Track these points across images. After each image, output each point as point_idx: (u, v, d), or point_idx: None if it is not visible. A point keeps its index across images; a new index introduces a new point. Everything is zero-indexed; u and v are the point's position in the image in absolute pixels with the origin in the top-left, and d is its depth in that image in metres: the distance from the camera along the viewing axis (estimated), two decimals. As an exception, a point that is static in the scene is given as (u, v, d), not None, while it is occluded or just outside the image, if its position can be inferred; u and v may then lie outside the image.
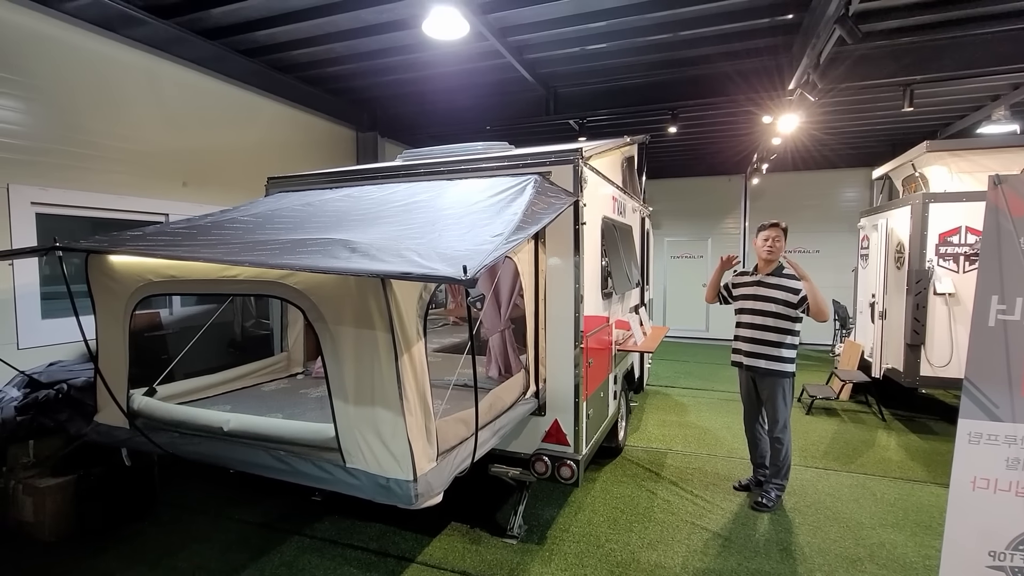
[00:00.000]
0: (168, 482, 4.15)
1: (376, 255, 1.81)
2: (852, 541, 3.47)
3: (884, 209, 6.31)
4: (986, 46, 5.01)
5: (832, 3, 3.94)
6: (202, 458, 2.61)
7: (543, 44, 5.51)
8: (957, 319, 5.12)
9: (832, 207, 10.77)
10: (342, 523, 3.71)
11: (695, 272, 11.85)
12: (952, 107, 7.31)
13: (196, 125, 5.40)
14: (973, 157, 5.46)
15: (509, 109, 7.06)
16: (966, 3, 4.55)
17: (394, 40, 5.32)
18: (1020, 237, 1.98)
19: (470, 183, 3.36)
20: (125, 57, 4.72)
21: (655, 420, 6.00)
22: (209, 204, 5.18)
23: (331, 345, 2.23)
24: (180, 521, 3.76)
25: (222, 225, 2.74)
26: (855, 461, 4.80)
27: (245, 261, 1.87)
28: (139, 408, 2.83)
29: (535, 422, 3.52)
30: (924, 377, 5.28)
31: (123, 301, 2.77)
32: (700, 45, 5.52)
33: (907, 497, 4.09)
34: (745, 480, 4.24)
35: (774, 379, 3.81)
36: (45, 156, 4.16)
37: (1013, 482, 2.14)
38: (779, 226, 3.85)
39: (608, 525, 3.67)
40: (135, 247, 2.29)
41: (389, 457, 2.15)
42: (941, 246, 5.20)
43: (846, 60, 5.44)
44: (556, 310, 3.43)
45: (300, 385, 3.79)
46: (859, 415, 6.16)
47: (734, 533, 3.56)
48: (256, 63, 5.80)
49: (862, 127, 8.46)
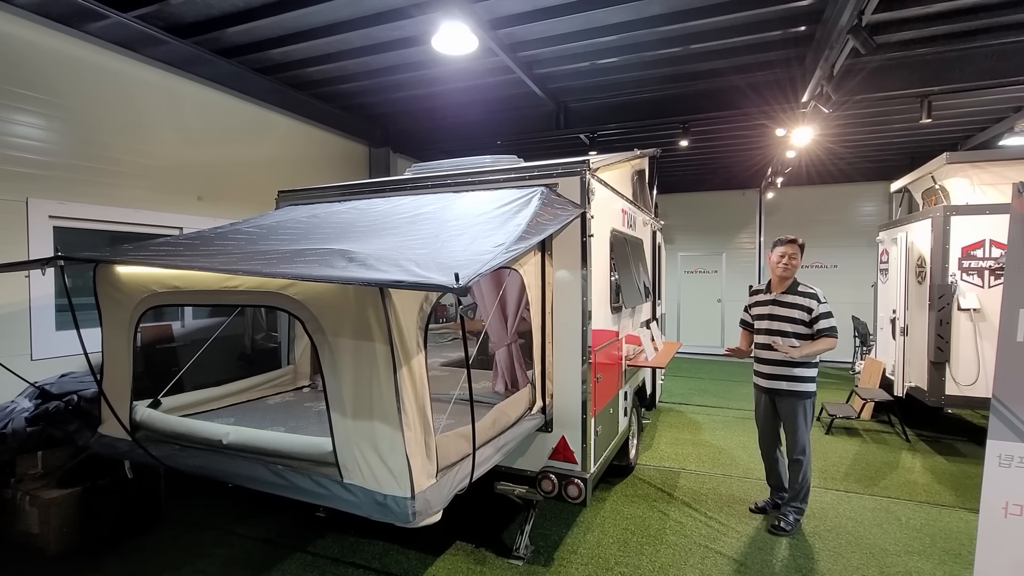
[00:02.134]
0: (174, 496, 4.13)
1: (373, 264, 1.78)
2: (876, 569, 3.30)
3: (904, 223, 6.15)
4: (1005, 57, 4.90)
5: (845, 14, 3.89)
6: (200, 471, 2.58)
7: (553, 59, 5.53)
8: (983, 335, 4.92)
9: (849, 221, 10.57)
10: (344, 540, 3.65)
11: (710, 287, 11.69)
12: (972, 119, 7.16)
13: (212, 141, 5.50)
14: (996, 169, 5.30)
15: (519, 124, 7.09)
16: (982, 14, 4.46)
17: (405, 57, 5.39)
18: (1047, 247, 1.88)
19: (476, 195, 3.34)
20: (145, 76, 4.85)
21: (668, 438, 5.85)
22: (223, 218, 5.24)
23: (329, 357, 2.19)
24: (184, 536, 3.72)
25: (226, 236, 2.75)
26: (878, 484, 4.60)
27: (239, 270, 1.85)
28: (141, 420, 2.82)
29: (542, 438, 3.44)
30: (950, 396, 5.07)
31: (128, 312, 2.78)
32: (711, 59, 5.49)
33: (934, 523, 3.89)
34: (762, 502, 4.08)
35: (794, 399, 3.68)
36: (65, 171, 4.27)
37: (1048, 508, 2.01)
38: (796, 242, 3.73)
39: (618, 547, 3.54)
40: (134, 257, 2.29)
41: (387, 473, 2.09)
42: (964, 260, 5.03)
43: (860, 72, 5.36)
44: (563, 324, 3.37)
45: (305, 398, 3.76)
46: (881, 435, 5.93)
47: (750, 558, 3.41)
48: (271, 80, 5.91)
49: (879, 140, 8.33)
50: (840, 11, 3.99)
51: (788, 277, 3.75)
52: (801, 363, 3.64)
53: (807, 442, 3.73)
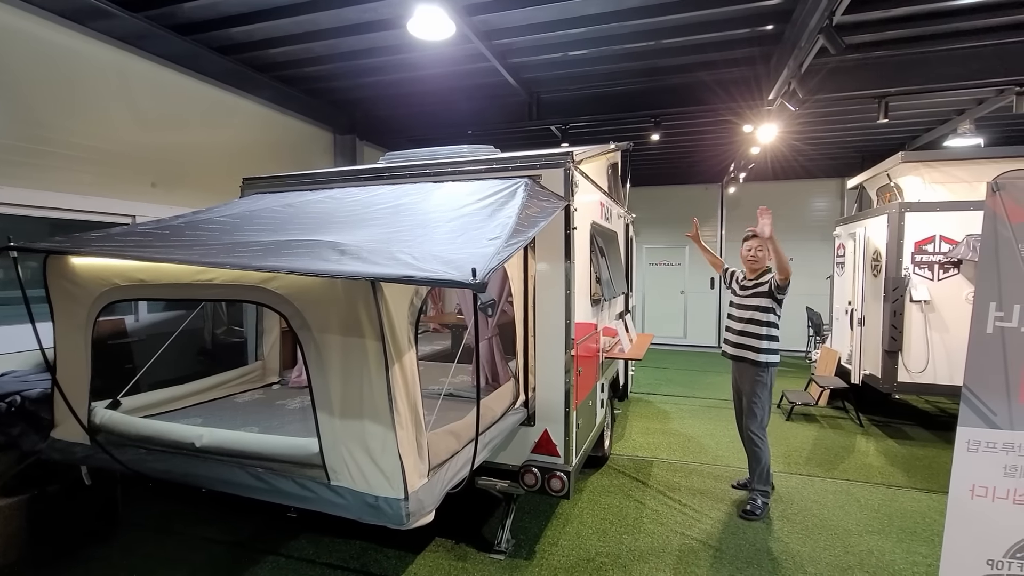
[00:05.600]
0: (132, 500, 3.89)
1: (368, 258, 1.69)
2: (841, 549, 3.46)
3: (861, 218, 6.45)
4: (956, 61, 5.17)
5: (815, 15, 4.01)
6: (171, 476, 2.43)
7: (527, 48, 5.47)
8: (933, 326, 5.24)
9: (804, 216, 11.02)
10: (320, 541, 3.53)
11: (674, 280, 11.95)
12: (920, 120, 7.56)
13: (167, 124, 5.16)
14: (945, 168, 5.62)
15: (492, 114, 7.00)
16: (937, 19, 4.68)
17: (377, 40, 5.20)
18: (1019, 244, 1.99)
19: (457, 186, 3.26)
20: (92, 51, 4.48)
21: (639, 428, 5.96)
22: (179, 206, 4.93)
23: (316, 354, 2.09)
24: (144, 542, 3.51)
25: (196, 226, 2.57)
26: (837, 467, 4.83)
27: (226, 264, 1.72)
28: (101, 422, 2.63)
29: (524, 432, 3.42)
30: (902, 383, 5.38)
31: (86, 307, 2.57)
32: (680, 54, 5.56)
33: (890, 503, 4.12)
34: (743, 480, 4.32)
35: (754, 369, 3.90)
36: (3, 153, 3.90)
37: (1011, 489, 2.14)
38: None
39: (597, 537, 3.58)
40: (101, 248, 2.11)
41: (378, 474, 2.01)
42: (917, 254, 5.32)
43: (820, 72, 5.54)
44: (546, 317, 3.35)
45: (277, 396, 3.61)
46: (837, 421, 6.24)
47: (724, 543, 3.52)
48: (231, 61, 5.59)
49: (834, 138, 8.68)
50: (811, 11, 4.10)
51: (758, 268, 4.00)
52: (765, 336, 3.88)
53: (764, 416, 3.92)
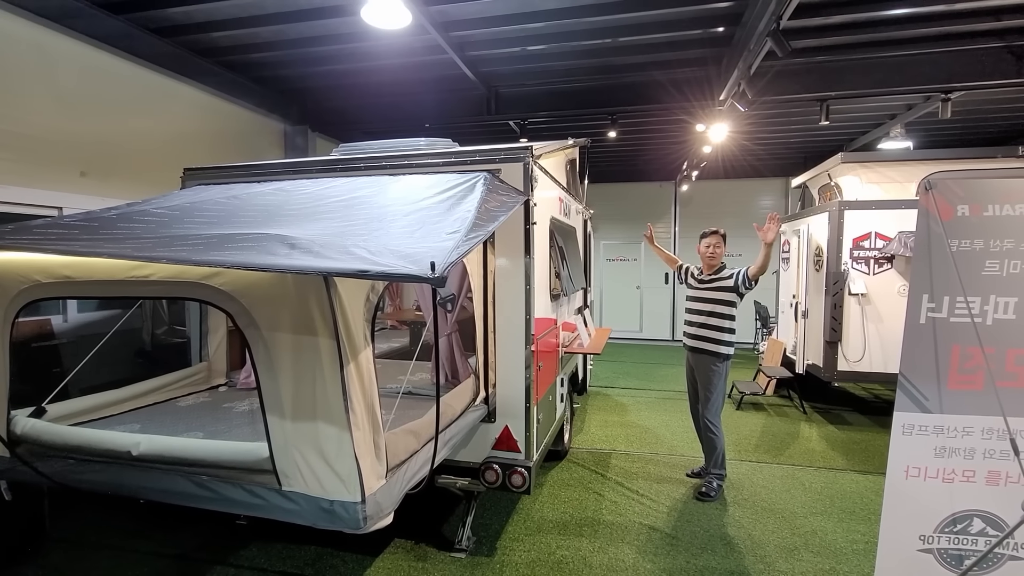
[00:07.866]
0: (61, 514, 3.62)
1: (320, 252, 1.61)
2: (788, 531, 3.63)
3: (805, 215, 6.77)
4: (891, 68, 5.48)
5: (763, 19, 4.15)
6: (104, 488, 2.25)
7: (485, 42, 5.41)
8: (869, 317, 5.56)
9: (751, 214, 11.44)
10: (272, 548, 3.39)
11: (629, 275, 12.20)
12: (857, 123, 8.00)
13: (97, 109, 4.79)
14: (880, 169, 5.97)
15: (449, 107, 6.89)
16: (875, 27, 4.95)
17: (329, 27, 5.01)
18: (949, 239, 2.11)
19: (414, 179, 3.18)
20: (8, 26, 4.10)
21: (598, 421, 6.05)
22: (112, 197, 4.60)
23: (265, 354, 1.98)
24: (77, 559, 3.26)
25: (130, 218, 2.38)
26: (784, 453, 5.06)
27: (162, 258, 1.59)
28: (23, 432, 2.41)
29: (484, 429, 3.39)
30: (841, 371, 5.69)
31: (2, 307, 2.34)
32: (636, 53, 5.64)
33: (831, 485, 4.35)
34: (697, 468, 4.48)
35: (711, 359, 4.05)
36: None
37: (940, 469, 2.28)
38: (719, 233, 4.25)
39: (558, 531, 3.60)
40: (16, 242, 1.92)
41: (333, 477, 1.93)
42: (855, 250, 5.63)
43: (767, 74, 5.76)
44: (506, 312, 3.32)
45: (223, 398, 3.43)
46: (783, 409, 6.54)
47: (680, 531, 3.61)
48: (169, 44, 5.24)
49: (778, 139, 9.07)
50: (760, 15, 4.24)
51: (714, 264, 4.19)
52: (726, 328, 4.06)
53: (719, 406, 4.11)
